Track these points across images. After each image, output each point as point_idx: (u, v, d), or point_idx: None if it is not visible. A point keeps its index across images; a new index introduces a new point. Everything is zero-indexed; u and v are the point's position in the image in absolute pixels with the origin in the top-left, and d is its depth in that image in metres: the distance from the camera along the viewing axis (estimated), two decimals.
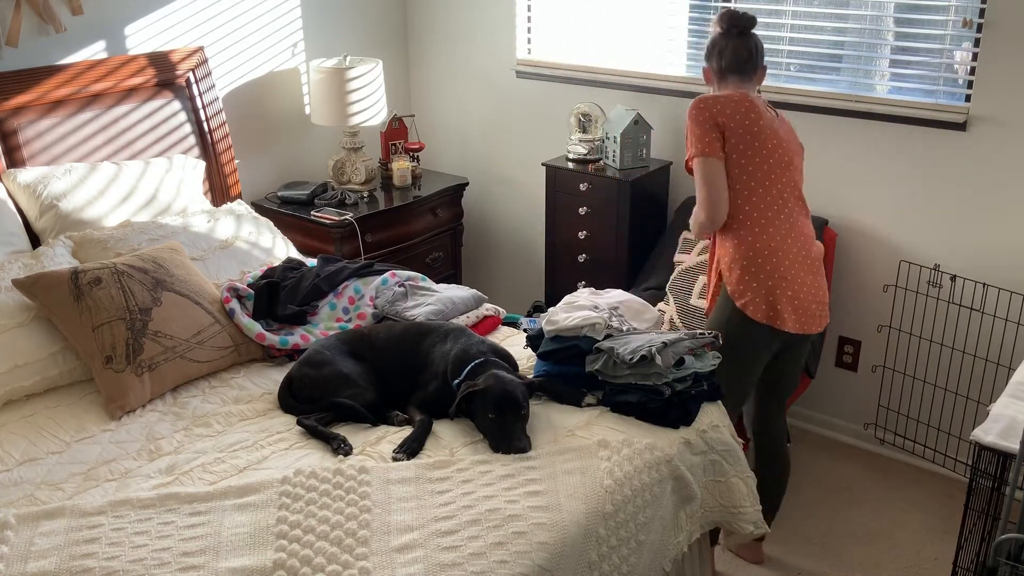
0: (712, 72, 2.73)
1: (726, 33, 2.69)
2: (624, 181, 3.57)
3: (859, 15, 3.31)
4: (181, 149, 3.51)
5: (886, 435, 3.54)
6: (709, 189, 2.60)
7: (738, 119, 2.60)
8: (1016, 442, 2.03)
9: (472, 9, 4.21)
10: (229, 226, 3.30)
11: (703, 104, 2.64)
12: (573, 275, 3.80)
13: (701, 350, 2.47)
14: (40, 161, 3.14)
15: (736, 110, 2.61)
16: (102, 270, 2.69)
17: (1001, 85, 3.01)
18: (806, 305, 2.63)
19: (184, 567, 1.87)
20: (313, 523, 1.98)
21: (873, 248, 3.40)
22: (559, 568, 1.95)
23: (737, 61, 2.67)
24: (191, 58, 3.54)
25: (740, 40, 2.68)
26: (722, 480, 2.46)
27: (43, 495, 2.15)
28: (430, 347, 2.58)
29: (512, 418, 2.29)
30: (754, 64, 2.69)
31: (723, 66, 2.68)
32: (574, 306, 2.65)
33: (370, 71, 3.86)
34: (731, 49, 2.67)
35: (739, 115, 2.61)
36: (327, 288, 3.04)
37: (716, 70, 2.71)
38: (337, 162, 4.03)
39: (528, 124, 4.19)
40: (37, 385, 2.58)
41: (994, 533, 2.20)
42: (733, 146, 2.60)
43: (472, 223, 4.47)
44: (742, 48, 2.68)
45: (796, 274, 2.61)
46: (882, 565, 2.99)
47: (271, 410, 2.55)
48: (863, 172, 3.36)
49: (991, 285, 3.15)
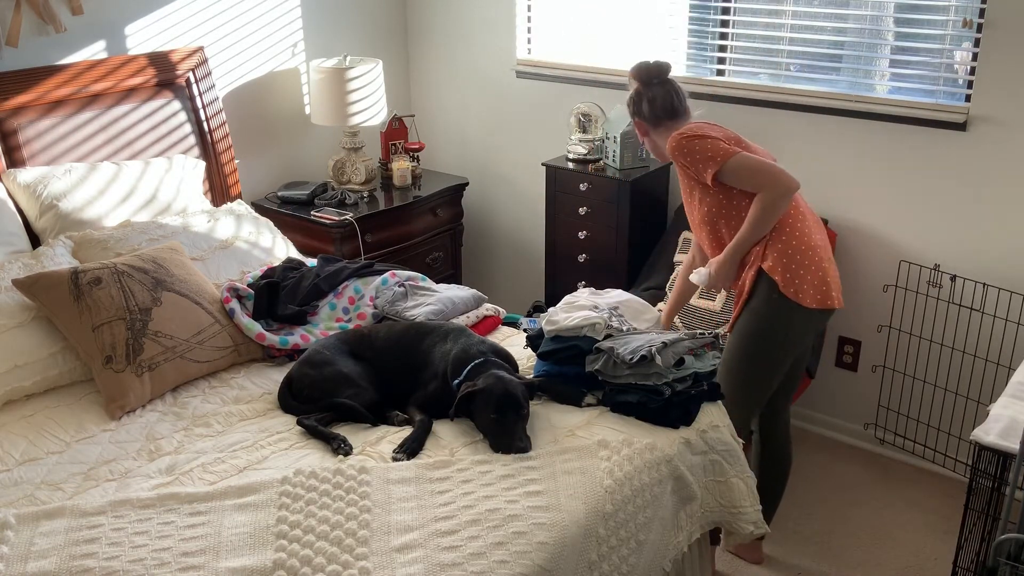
0: (645, 123, 2.80)
1: (647, 84, 2.79)
2: (624, 181, 3.57)
3: (859, 15, 3.31)
4: (181, 149, 3.51)
5: (886, 435, 3.55)
6: (761, 168, 2.59)
7: (723, 136, 2.65)
8: (1016, 442, 2.03)
9: (472, 9, 4.21)
10: (229, 226, 3.30)
11: (685, 138, 2.64)
12: (573, 275, 3.80)
13: (701, 350, 2.47)
14: (40, 161, 3.14)
15: (715, 128, 2.68)
16: (102, 270, 2.69)
17: (1001, 85, 3.01)
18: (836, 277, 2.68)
19: (184, 567, 1.87)
20: (313, 523, 1.98)
21: (873, 248, 3.40)
22: (559, 568, 1.95)
23: (669, 106, 2.76)
24: (191, 58, 3.54)
25: (663, 88, 2.77)
26: (722, 480, 2.46)
27: (43, 495, 2.15)
28: (430, 347, 2.58)
29: (512, 418, 2.29)
30: (684, 106, 2.78)
31: (657, 114, 2.76)
32: (574, 306, 2.65)
33: (370, 71, 3.86)
34: (660, 97, 2.75)
35: (721, 131, 2.67)
36: (327, 288, 3.04)
37: (650, 119, 2.78)
38: (337, 162, 4.03)
39: (528, 124, 4.19)
40: (37, 385, 2.58)
41: (994, 533, 2.20)
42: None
43: (472, 223, 4.47)
44: (669, 94, 2.77)
45: (826, 250, 2.66)
46: (882, 565, 2.99)
47: (271, 410, 2.55)
48: (863, 172, 3.36)
49: (991, 285, 3.15)
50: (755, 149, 2.70)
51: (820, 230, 2.70)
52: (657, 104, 2.75)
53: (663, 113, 2.75)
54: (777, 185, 2.55)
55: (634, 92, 2.82)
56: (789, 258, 2.58)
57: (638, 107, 2.80)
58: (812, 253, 2.60)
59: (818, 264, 2.61)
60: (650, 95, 2.76)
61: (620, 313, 2.66)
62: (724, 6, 3.55)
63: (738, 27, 3.55)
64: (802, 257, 2.59)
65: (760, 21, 3.51)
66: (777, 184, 2.56)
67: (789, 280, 2.58)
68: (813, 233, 2.64)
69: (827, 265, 2.64)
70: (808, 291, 2.58)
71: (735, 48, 3.59)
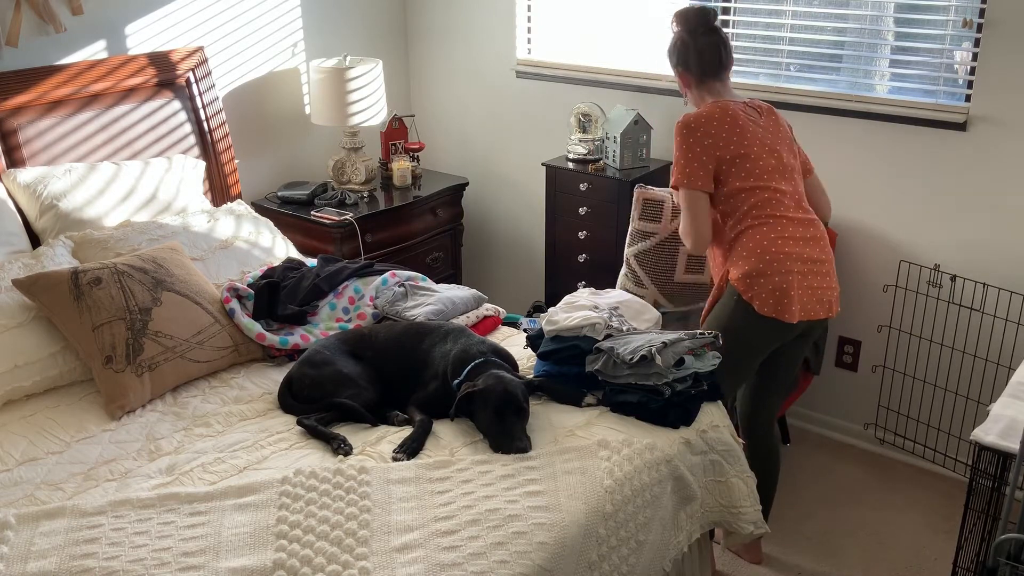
0: (690, 78, 2.67)
1: (694, 33, 2.62)
2: (624, 181, 3.57)
3: (859, 15, 3.31)
4: (181, 149, 3.51)
5: (886, 435, 3.54)
6: (693, 221, 2.62)
7: (723, 143, 2.61)
8: (1016, 442, 2.03)
9: (472, 9, 4.21)
10: (229, 226, 3.29)
11: (688, 129, 2.61)
12: (573, 275, 3.80)
13: (701, 350, 2.47)
14: (40, 161, 3.14)
15: (720, 131, 2.61)
16: (102, 270, 2.69)
17: (1001, 85, 3.01)
18: (812, 292, 2.63)
19: (184, 567, 1.87)
20: (313, 523, 1.98)
21: (873, 248, 3.40)
22: (559, 568, 1.95)
23: (715, 62, 2.62)
24: (191, 58, 3.54)
25: (710, 38, 2.61)
26: (722, 480, 2.46)
27: (43, 495, 2.15)
28: (430, 347, 2.58)
29: (512, 418, 2.29)
30: (731, 59, 2.66)
31: (705, 69, 2.62)
32: (574, 306, 2.65)
33: (370, 71, 3.86)
34: (707, 49, 2.61)
35: (724, 136, 2.61)
36: (327, 288, 3.04)
37: (696, 75, 2.65)
38: (337, 162, 4.03)
39: (528, 124, 4.19)
40: (37, 385, 2.58)
41: (994, 533, 2.20)
42: (725, 171, 2.63)
43: (472, 223, 4.47)
44: (717, 46, 2.61)
45: (800, 266, 2.61)
46: (882, 565, 2.99)
47: (271, 410, 2.55)
48: (863, 172, 3.36)
49: (991, 285, 3.15)
50: (762, 141, 2.65)
51: (807, 241, 2.63)
52: (706, 58, 2.60)
53: (708, 71, 2.62)
54: (684, 238, 2.68)
55: (678, 40, 2.63)
56: (752, 264, 2.58)
57: (684, 59, 2.63)
58: (779, 263, 2.57)
59: (782, 275, 2.56)
60: (699, 46, 2.59)
61: (620, 313, 2.66)
62: (724, 6, 3.55)
63: (738, 27, 3.55)
64: (765, 266, 2.57)
65: (760, 21, 3.51)
66: (685, 237, 2.68)
67: (748, 285, 2.58)
68: (790, 243, 2.60)
69: (794, 278, 2.56)
70: (765, 299, 2.57)
71: (735, 48, 3.58)
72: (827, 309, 2.67)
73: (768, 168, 2.65)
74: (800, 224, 2.66)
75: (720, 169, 2.63)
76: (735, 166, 2.63)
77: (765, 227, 2.61)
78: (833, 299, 2.70)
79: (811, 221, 2.70)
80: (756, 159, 2.64)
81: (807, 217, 2.69)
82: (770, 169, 2.66)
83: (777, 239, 2.60)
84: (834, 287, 2.70)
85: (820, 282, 2.64)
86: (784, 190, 2.67)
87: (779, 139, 2.72)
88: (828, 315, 2.68)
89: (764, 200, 2.63)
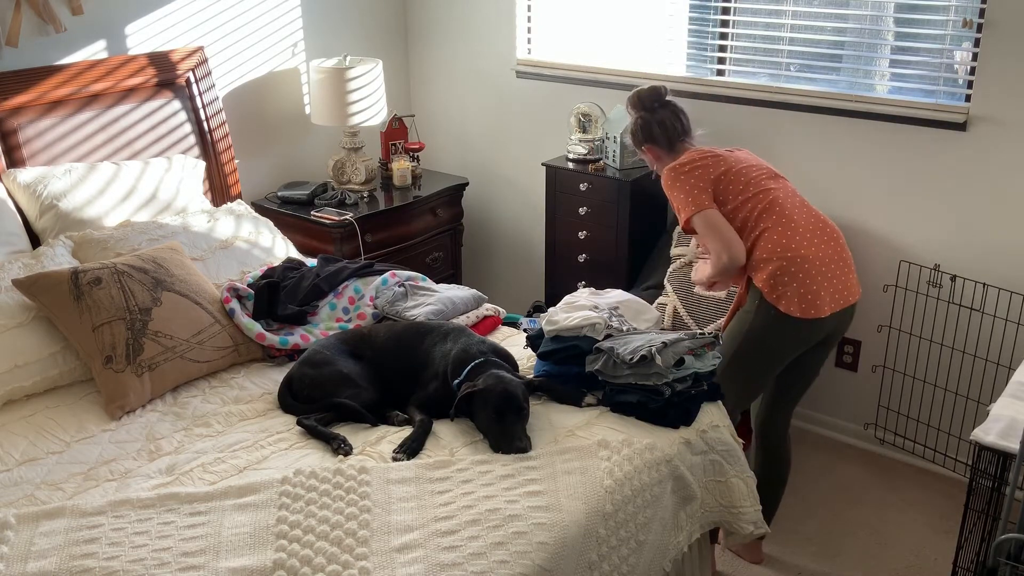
0: (658, 148, 2.82)
1: (651, 110, 2.81)
2: (624, 181, 3.57)
3: (859, 15, 3.31)
4: (181, 149, 3.51)
5: (886, 435, 3.54)
6: (719, 234, 2.66)
7: (711, 167, 2.71)
8: (1016, 442, 2.03)
9: (472, 9, 4.21)
10: (229, 226, 3.30)
11: (675, 172, 2.72)
12: (573, 275, 3.80)
13: (701, 350, 2.47)
14: (40, 161, 3.14)
15: (704, 161, 2.72)
16: (102, 270, 2.69)
17: (1001, 85, 3.01)
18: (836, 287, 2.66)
19: (184, 567, 1.87)
20: (313, 523, 1.98)
21: (873, 248, 3.40)
22: (559, 568, 1.95)
23: (677, 128, 2.80)
24: (191, 58, 3.54)
25: (667, 110, 2.81)
26: (722, 480, 2.46)
27: (43, 495, 2.15)
28: (430, 347, 2.58)
29: (512, 418, 2.29)
30: (689, 124, 2.82)
31: (669, 137, 2.79)
32: (574, 306, 2.65)
33: (370, 71, 3.86)
34: (667, 119, 2.79)
35: (709, 164, 2.71)
36: (327, 288, 3.04)
37: (663, 143, 2.81)
38: (337, 162, 4.03)
39: (528, 124, 4.19)
40: (37, 385, 2.58)
41: (994, 533, 2.20)
42: (722, 191, 2.69)
43: (472, 223, 4.47)
44: (675, 114, 2.81)
45: (820, 267, 2.64)
46: (882, 565, 2.99)
47: (271, 410, 2.55)
48: (863, 172, 3.36)
49: (991, 285, 3.15)
50: (743, 160, 2.76)
51: (821, 241, 2.68)
52: (668, 125, 2.78)
53: (675, 134, 2.79)
54: (722, 254, 2.64)
55: (639, 120, 2.83)
56: (775, 268, 2.61)
57: (648, 133, 2.82)
58: (800, 266, 2.61)
59: (808, 275, 2.61)
60: (659, 118, 2.79)
61: (620, 313, 2.66)
62: (724, 6, 3.55)
63: (738, 27, 3.55)
64: (786, 269, 2.61)
65: (760, 21, 3.51)
66: (722, 253, 2.64)
67: (773, 287, 2.62)
68: (805, 245, 2.64)
69: (818, 277, 2.62)
70: (793, 300, 2.60)
71: (735, 48, 3.59)
72: (854, 294, 2.72)
73: (761, 176, 2.74)
74: (810, 224, 2.70)
75: (717, 189, 2.70)
76: (729, 183, 2.70)
77: (780, 227, 2.66)
78: (855, 286, 2.74)
79: (819, 219, 2.74)
80: (742, 172, 2.73)
81: (814, 215, 2.74)
82: (762, 177, 2.74)
83: (791, 242, 2.64)
84: (855, 281, 2.75)
85: (841, 279, 2.69)
86: (777, 188, 2.73)
87: (756, 158, 2.83)
88: (855, 300, 2.72)
89: (767, 205, 2.69)
